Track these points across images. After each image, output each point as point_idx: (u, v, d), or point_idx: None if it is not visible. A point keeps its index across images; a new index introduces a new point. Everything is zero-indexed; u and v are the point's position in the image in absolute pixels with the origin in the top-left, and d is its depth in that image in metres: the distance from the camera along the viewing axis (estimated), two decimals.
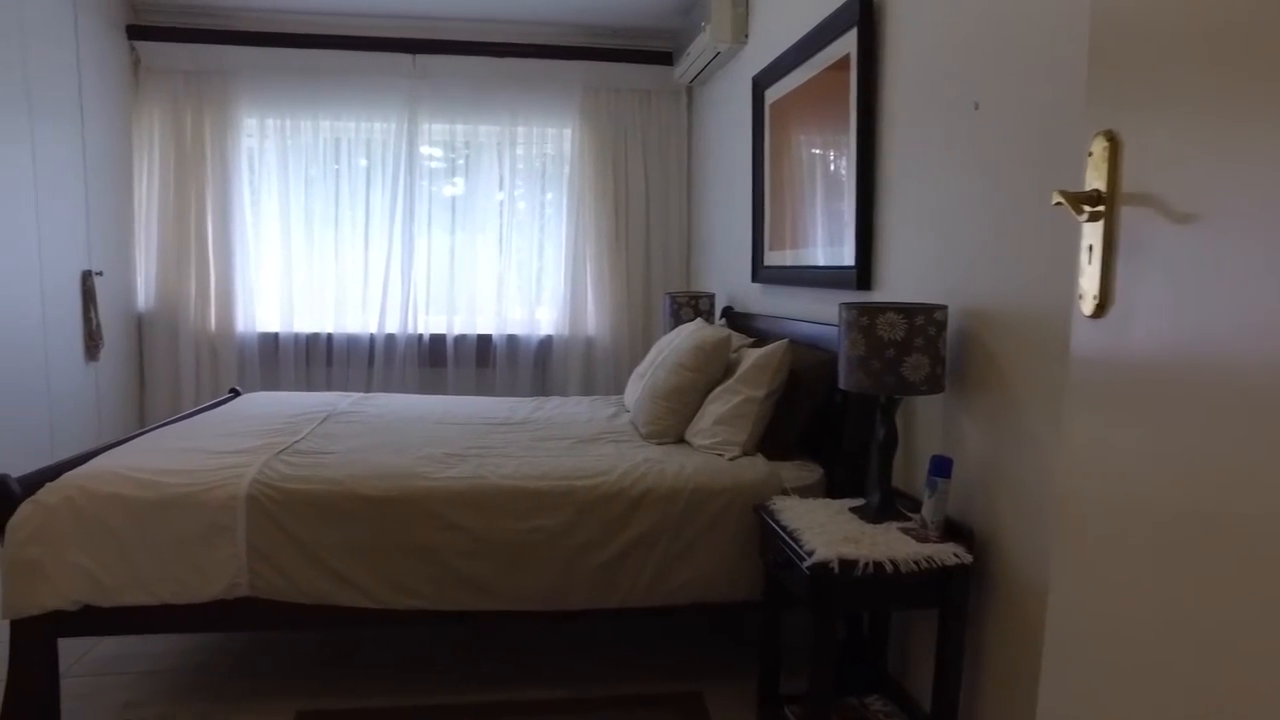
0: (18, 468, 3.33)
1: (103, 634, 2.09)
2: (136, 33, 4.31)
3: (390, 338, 4.57)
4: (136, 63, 4.38)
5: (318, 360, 4.57)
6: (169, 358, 4.49)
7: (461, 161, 4.66)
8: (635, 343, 4.72)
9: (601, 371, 4.69)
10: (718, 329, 2.78)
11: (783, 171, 3.15)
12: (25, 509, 2.02)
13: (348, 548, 2.07)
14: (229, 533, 2.02)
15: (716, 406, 2.52)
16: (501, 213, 4.64)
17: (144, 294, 4.50)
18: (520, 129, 4.63)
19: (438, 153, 4.64)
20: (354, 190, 4.55)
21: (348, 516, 2.07)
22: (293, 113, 4.47)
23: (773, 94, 3.21)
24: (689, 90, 4.68)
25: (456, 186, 4.65)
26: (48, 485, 2.07)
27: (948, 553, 1.71)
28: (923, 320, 1.78)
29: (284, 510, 2.05)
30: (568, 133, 4.67)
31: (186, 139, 4.41)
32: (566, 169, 4.66)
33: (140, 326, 4.51)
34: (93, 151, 4.01)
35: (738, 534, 2.19)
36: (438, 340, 4.64)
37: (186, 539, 2.02)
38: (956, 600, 1.75)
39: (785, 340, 2.49)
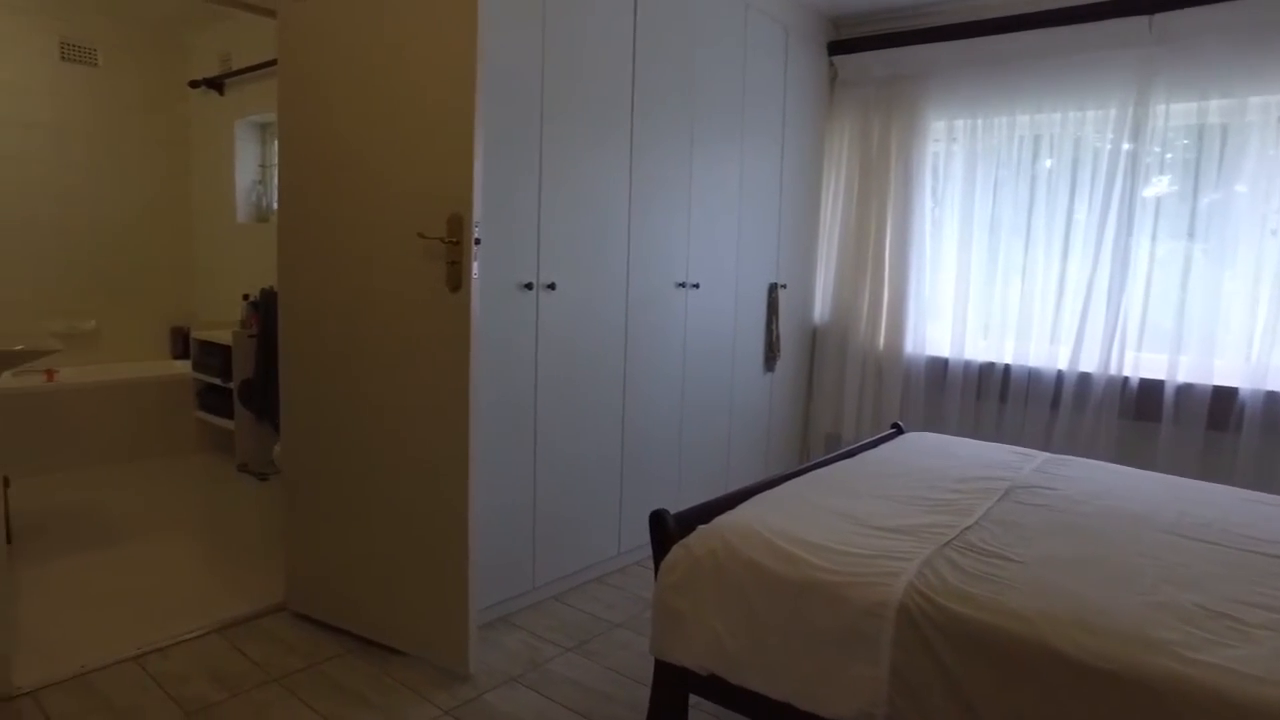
0: (700, 469, 3.63)
1: (722, 704, 1.87)
2: (836, 48, 4.28)
3: (1084, 377, 3.66)
4: (833, 78, 4.36)
5: (989, 394, 3.94)
6: (835, 373, 4.43)
7: (1211, 149, 3.44)
8: None
9: None
10: None
11: None
12: (677, 552, 1.90)
13: (1022, 717, 1.42)
14: (871, 645, 1.57)
15: None
16: (1264, 219, 3.29)
17: (820, 307, 4.51)
18: None
19: (1174, 142, 3.52)
20: (1052, 195, 3.75)
21: (1034, 675, 1.41)
22: (985, 110, 3.90)
23: None
24: None
25: (1199, 185, 3.45)
26: (699, 529, 1.92)
27: None
28: None
29: (944, 639, 1.50)
30: None
31: (872, 149, 4.24)
32: None
33: (814, 340, 4.53)
34: (788, 168, 4.09)
35: None
36: (1151, 387, 3.50)
37: (821, 637, 1.63)
38: None
39: None
